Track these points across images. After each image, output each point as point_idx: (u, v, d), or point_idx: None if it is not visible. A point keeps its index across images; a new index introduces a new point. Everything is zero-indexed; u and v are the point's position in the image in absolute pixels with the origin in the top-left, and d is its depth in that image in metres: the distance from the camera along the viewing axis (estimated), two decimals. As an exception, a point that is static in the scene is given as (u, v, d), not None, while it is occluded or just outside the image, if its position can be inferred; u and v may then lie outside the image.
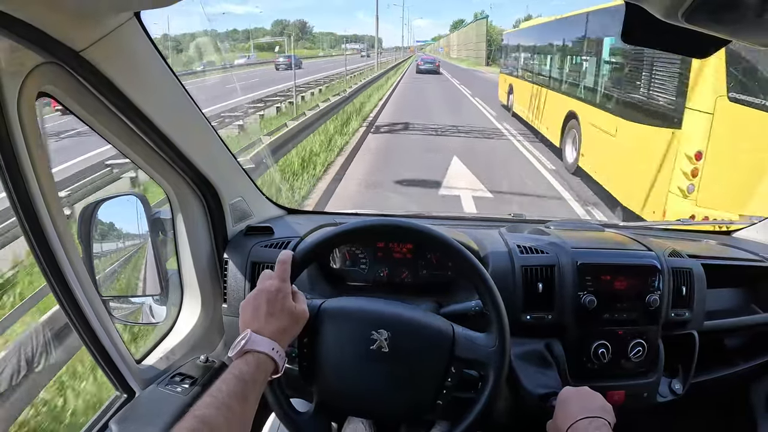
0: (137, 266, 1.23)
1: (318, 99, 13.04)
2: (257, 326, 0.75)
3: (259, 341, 0.73)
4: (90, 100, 0.80)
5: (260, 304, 0.77)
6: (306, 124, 8.22)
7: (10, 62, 0.68)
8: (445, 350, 0.83)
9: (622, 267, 1.12)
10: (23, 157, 0.73)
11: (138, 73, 0.83)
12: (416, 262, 1.25)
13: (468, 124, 10.84)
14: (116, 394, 1.01)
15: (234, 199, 1.21)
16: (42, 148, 0.76)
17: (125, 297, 1.23)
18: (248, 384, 0.68)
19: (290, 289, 0.81)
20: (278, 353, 0.74)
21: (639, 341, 1.11)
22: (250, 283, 1.17)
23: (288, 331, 0.77)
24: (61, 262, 0.82)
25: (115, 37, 0.75)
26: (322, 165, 6.97)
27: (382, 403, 0.85)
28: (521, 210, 1.63)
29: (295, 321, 0.78)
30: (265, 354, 0.72)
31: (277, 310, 0.77)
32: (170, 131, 0.93)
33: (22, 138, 0.72)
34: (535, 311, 1.11)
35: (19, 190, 0.75)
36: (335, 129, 9.36)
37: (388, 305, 0.90)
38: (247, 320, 0.77)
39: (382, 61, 30.75)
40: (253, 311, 0.77)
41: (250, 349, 0.72)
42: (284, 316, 0.77)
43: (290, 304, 0.78)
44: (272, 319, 0.76)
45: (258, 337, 0.73)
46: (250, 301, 0.78)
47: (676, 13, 0.47)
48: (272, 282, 0.79)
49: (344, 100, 11.85)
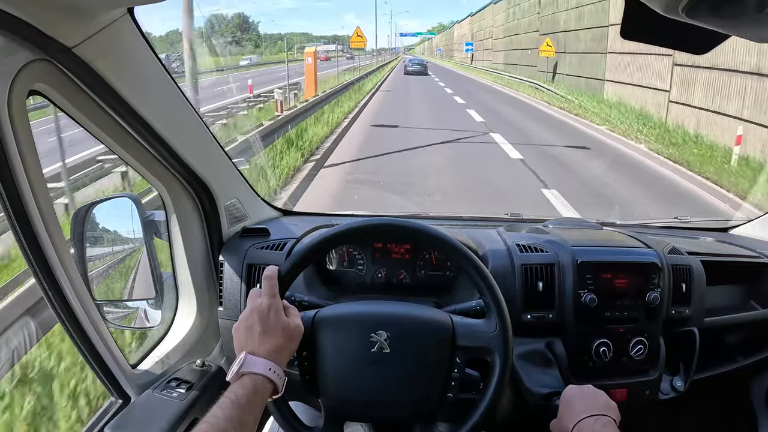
0: (131, 269, 1.21)
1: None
2: (252, 347, 0.73)
3: (255, 362, 0.71)
4: (82, 98, 0.79)
5: (253, 324, 0.75)
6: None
7: (0, 59, 0.66)
8: (447, 342, 0.83)
9: (622, 265, 1.12)
10: (14, 157, 0.71)
11: (131, 71, 0.82)
12: (414, 262, 1.23)
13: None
14: (111, 399, 0.99)
15: (229, 201, 1.20)
16: (33, 148, 0.74)
17: (119, 301, 1.21)
18: (245, 408, 0.66)
19: (281, 305, 0.79)
20: (276, 373, 0.72)
21: (640, 339, 1.11)
22: (246, 285, 1.15)
23: (284, 349, 0.76)
24: (53, 265, 0.80)
25: (108, 33, 0.73)
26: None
27: (391, 404, 0.83)
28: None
29: (290, 337, 0.77)
30: (261, 375, 0.71)
31: (270, 328, 0.75)
32: (164, 130, 0.91)
33: (12, 138, 0.70)
34: (535, 310, 1.11)
35: (9, 191, 0.73)
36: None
37: (383, 305, 0.89)
38: (241, 342, 0.75)
39: (360, 64, 27.37)
40: (246, 332, 0.75)
41: (247, 372, 0.70)
42: (278, 333, 0.75)
43: (283, 320, 0.77)
44: (267, 338, 0.74)
45: (253, 358, 0.72)
46: (242, 323, 0.77)
47: (676, 8, 0.46)
48: (262, 300, 0.77)
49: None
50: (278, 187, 5.69)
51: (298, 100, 10.82)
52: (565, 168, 7.04)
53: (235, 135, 6.37)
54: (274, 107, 9.11)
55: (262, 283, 0.79)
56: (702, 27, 0.50)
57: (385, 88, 19.93)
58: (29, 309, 2.28)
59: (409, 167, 6.96)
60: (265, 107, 11.14)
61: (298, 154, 6.89)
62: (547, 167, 6.89)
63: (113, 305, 1.18)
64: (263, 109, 10.88)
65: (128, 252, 1.20)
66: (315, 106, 9.93)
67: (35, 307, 2.29)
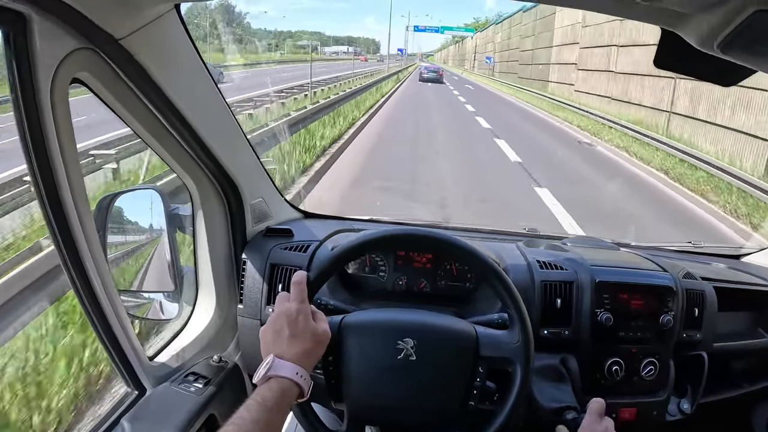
0: (151, 261, 1.21)
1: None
2: (279, 351, 0.73)
3: (283, 366, 0.71)
4: (122, 90, 0.79)
5: (281, 328, 0.75)
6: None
7: (48, 45, 0.67)
8: (471, 351, 0.84)
9: (639, 286, 1.13)
10: (52, 143, 0.71)
11: (173, 66, 0.82)
12: (435, 272, 1.24)
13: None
14: (127, 390, 0.99)
15: (255, 200, 1.20)
16: (71, 136, 0.75)
17: (137, 291, 1.21)
18: (272, 411, 0.66)
19: (309, 310, 0.79)
20: (302, 377, 0.72)
21: (651, 360, 1.13)
22: (268, 285, 1.15)
23: (312, 354, 0.76)
24: (82, 254, 0.80)
25: (154, 27, 0.74)
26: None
27: (413, 411, 0.84)
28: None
29: (318, 342, 0.77)
30: (288, 379, 0.70)
31: (299, 332, 0.75)
32: (199, 127, 0.91)
33: (53, 124, 0.70)
34: (552, 326, 1.12)
35: (45, 178, 0.73)
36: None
37: (409, 314, 0.90)
38: (268, 345, 0.75)
39: (367, 71, 26.32)
40: (274, 335, 0.75)
41: (274, 375, 0.70)
42: (307, 338, 0.75)
43: (312, 325, 0.77)
44: (295, 342, 0.74)
45: (281, 362, 0.71)
46: (270, 326, 0.76)
47: (711, 43, 0.48)
48: (291, 304, 0.77)
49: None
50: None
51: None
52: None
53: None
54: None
55: (291, 288, 0.79)
56: (731, 61, 0.52)
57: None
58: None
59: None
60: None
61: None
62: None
63: (131, 295, 1.18)
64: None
65: (150, 244, 1.20)
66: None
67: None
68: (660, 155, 8.65)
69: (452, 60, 68.67)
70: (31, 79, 0.66)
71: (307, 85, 13.92)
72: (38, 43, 0.65)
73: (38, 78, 0.67)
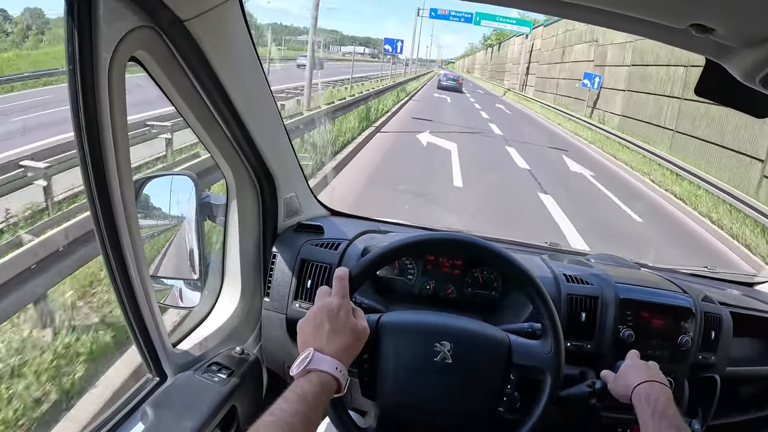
0: (178, 248, 1.20)
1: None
2: (319, 344, 0.72)
3: (323, 360, 0.70)
4: (177, 72, 0.78)
5: (322, 322, 0.74)
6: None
7: (112, 20, 0.66)
8: (504, 358, 0.86)
9: (660, 306, 1.14)
10: (105, 120, 0.70)
11: (230, 54, 0.82)
12: (463, 278, 1.24)
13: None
14: (148, 376, 0.97)
15: (288, 194, 1.19)
16: (124, 115, 0.74)
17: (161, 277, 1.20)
18: (311, 404, 0.65)
19: (350, 306, 0.78)
20: (341, 372, 0.71)
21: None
22: (297, 279, 1.14)
23: (351, 349, 0.75)
24: (121, 236, 0.79)
25: (217, 13, 0.73)
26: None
27: (444, 412, 0.85)
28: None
29: (357, 338, 0.76)
30: (328, 374, 0.69)
31: (340, 327, 0.74)
32: (246, 117, 0.91)
33: (107, 100, 0.69)
34: (575, 339, 1.12)
35: (94, 154, 0.71)
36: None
37: (445, 317, 0.91)
38: (307, 338, 0.74)
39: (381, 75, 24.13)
40: (314, 329, 0.74)
41: (314, 369, 0.69)
42: (347, 333, 0.74)
43: (352, 321, 0.76)
44: (335, 337, 0.73)
45: (321, 355, 0.70)
46: (310, 319, 0.75)
47: (754, 78, 0.51)
48: (332, 299, 0.77)
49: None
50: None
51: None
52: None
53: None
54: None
55: (333, 283, 0.78)
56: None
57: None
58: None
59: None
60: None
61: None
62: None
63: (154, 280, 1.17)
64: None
65: (178, 230, 1.19)
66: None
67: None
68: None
69: (480, 70, 48.29)
70: (91, 53, 0.65)
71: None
72: (102, 17, 0.64)
73: (99, 53, 0.66)
